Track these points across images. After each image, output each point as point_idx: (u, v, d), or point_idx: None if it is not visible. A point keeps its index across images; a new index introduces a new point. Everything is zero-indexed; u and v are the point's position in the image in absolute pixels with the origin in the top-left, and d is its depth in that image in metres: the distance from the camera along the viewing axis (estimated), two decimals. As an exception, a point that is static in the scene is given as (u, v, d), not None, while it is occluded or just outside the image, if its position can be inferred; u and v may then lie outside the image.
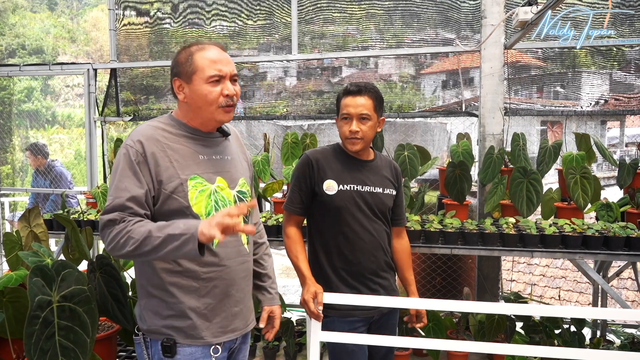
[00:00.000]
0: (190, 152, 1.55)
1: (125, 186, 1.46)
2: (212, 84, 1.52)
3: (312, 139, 3.29)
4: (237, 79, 1.60)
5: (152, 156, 1.49)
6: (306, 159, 2.01)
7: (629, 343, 3.00)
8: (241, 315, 1.63)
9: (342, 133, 1.97)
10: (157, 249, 1.39)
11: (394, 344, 1.97)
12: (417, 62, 4.21)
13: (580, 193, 2.77)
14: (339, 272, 1.98)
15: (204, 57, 1.53)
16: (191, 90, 1.54)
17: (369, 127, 1.94)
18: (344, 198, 1.95)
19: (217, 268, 1.55)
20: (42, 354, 1.49)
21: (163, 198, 1.49)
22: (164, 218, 1.49)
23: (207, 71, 1.52)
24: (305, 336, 3.10)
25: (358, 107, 1.92)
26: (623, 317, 3.42)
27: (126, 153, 1.49)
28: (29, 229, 2.15)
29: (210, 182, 1.56)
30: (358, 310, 1.95)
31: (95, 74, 4.13)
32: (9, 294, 1.73)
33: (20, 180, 11.26)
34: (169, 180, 1.49)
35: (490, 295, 3.21)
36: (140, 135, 1.51)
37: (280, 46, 4.01)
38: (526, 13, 2.59)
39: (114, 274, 1.90)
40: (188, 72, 1.54)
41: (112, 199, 1.46)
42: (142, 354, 1.58)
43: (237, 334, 1.63)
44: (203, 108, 1.54)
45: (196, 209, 1.51)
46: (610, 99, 3.77)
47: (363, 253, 1.97)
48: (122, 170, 1.48)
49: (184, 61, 1.55)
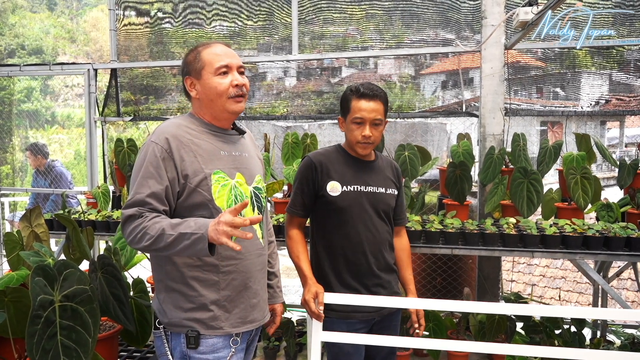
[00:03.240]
0: (212, 148, 1.61)
1: (146, 182, 1.52)
2: (221, 75, 1.60)
3: (312, 139, 3.29)
4: (244, 71, 1.66)
5: (178, 151, 1.54)
6: (309, 162, 2.00)
7: (629, 343, 3.00)
8: (259, 306, 1.70)
9: (354, 137, 1.95)
10: (170, 246, 1.44)
11: (394, 344, 1.97)
12: (416, 62, 4.22)
13: (581, 193, 2.77)
14: (341, 275, 1.97)
15: (210, 52, 1.62)
16: (202, 85, 1.62)
17: (379, 132, 1.96)
18: (348, 199, 1.95)
19: (235, 261, 1.60)
20: (44, 354, 1.49)
21: (188, 192, 1.55)
22: (188, 211, 1.56)
23: (215, 64, 1.60)
24: (306, 336, 3.10)
25: (372, 112, 1.92)
26: (623, 318, 3.42)
27: (152, 149, 1.54)
28: (30, 228, 2.14)
29: (231, 177, 1.62)
30: (358, 312, 1.95)
31: (95, 74, 4.13)
32: (10, 293, 1.73)
33: (20, 180, 11.25)
34: (195, 174, 1.55)
35: (491, 295, 3.22)
36: (166, 132, 1.57)
37: (280, 46, 4.01)
38: (527, 13, 2.60)
39: (115, 274, 1.89)
40: (197, 69, 1.62)
41: (133, 194, 1.52)
42: (162, 347, 1.61)
43: (256, 324, 1.69)
44: (215, 100, 1.61)
45: (218, 203, 1.57)
46: (610, 100, 3.77)
47: (366, 254, 1.96)
48: (146, 166, 1.54)
49: (193, 60, 1.63)
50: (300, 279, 1.99)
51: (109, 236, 3.01)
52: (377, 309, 1.97)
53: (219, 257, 1.57)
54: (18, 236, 2.13)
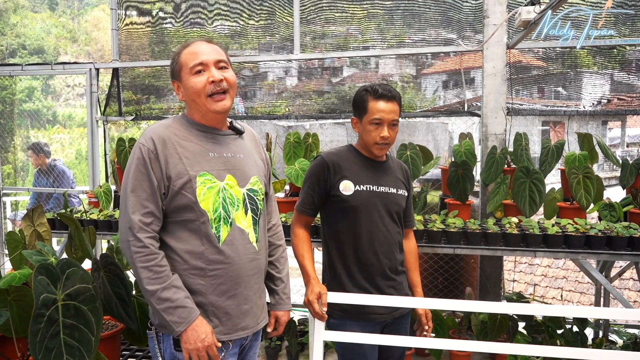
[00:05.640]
0: (200, 149, 1.58)
1: (142, 196, 1.50)
2: (196, 74, 1.57)
3: (314, 139, 3.29)
4: (227, 66, 1.61)
5: (163, 153, 1.53)
6: (322, 162, 1.99)
7: (631, 343, 3.00)
8: (251, 313, 1.64)
9: (371, 138, 1.94)
10: (155, 301, 1.49)
11: (394, 344, 1.96)
12: (418, 62, 4.22)
13: (583, 193, 2.77)
14: (353, 275, 1.95)
15: (186, 52, 1.60)
16: (184, 86, 1.61)
17: (396, 133, 1.96)
18: (360, 198, 1.94)
19: (222, 266, 1.56)
20: (47, 352, 1.49)
21: (172, 194, 1.53)
22: (174, 214, 1.54)
23: (189, 63, 1.58)
24: (308, 336, 3.10)
25: (390, 113, 1.91)
26: (625, 317, 3.41)
27: (139, 152, 1.54)
28: (33, 227, 2.15)
29: (219, 179, 1.58)
30: (371, 314, 1.94)
31: (97, 74, 4.13)
32: (13, 292, 1.73)
33: (22, 180, 11.26)
34: (178, 177, 1.52)
35: (493, 295, 3.21)
36: (152, 133, 1.56)
37: (281, 46, 4.01)
38: (529, 12, 2.59)
39: (118, 273, 1.89)
40: (177, 71, 1.62)
41: (132, 212, 1.50)
42: (154, 348, 1.60)
43: (248, 332, 1.63)
44: (196, 100, 1.59)
45: (204, 205, 1.53)
46: (612, 99, 3.77)
47: (378, 254, 1.95)
48: (136, 172, 1.52)
49: (174, 63, 1.63)
50: (303, 278, 1.98)
51: (110, 235, 3.02)
52: (389, 311, 1.96)
53: (205, 261, 1.53)
54: (20, 235, 2.13)
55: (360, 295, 1.90)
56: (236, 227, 1.58)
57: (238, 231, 1.58)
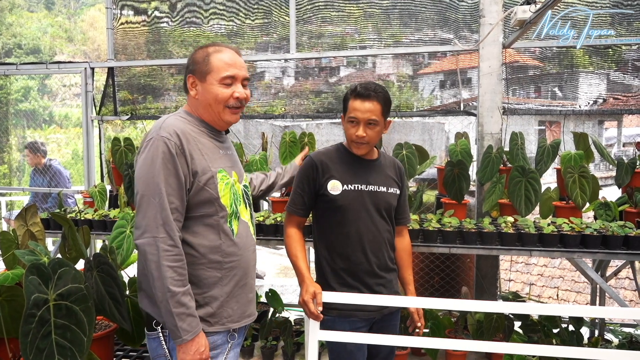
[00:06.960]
0: (213, 147, 1.64)
1: (169, 191, 1.50)
2: (225, 85, 1.61)
3: (310, 138, 3.28)
4: (248, 83, 1.68)
5: (187, 148, 1.54)
6: (310, 162, 2.00)
7: (627, 342, 3.00)
8: (254, 301, 1.74)
9: (349, 136, 1.97)
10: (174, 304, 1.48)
11: (392, 343, 1.96)
12: (414, 62, 4.21)
13: (579, 192, 2.77)
14: (341, 274, 1.96)
15: (220, 58, 1.61)
16: (204, 88, 1.62)
17: (375, 132, 1.94)
18: (348, 197, 1.94)
19: (237, 257, 1.64)
20: (39, 353, 1.48)
21: (196, 189, 1.56)
22: (194, 209, 1.57)
23: (222, 72, 1.60)
24: (303, 336, 3.09)
25: (366, 112, 1.90)
26: (621, 316, 3.42)
27: (164, 146, 1.51)
28: (26, 227, 2.13)
29: (230, 175, 1.66)
30: (359, 311, 1.94)
31: (92, 73, 4.11)
32: (5, 292, 1.71)
33: (17, 180, 11.21)
34: (203, 172, 1.56)
35: (489, 294, 3.21)
36: (174, 127, 1.55)
37: (278, 46, 4.00)
38: (525, 12, 2.60)
39: (111, 273, 1.88)
40: (203, 71, 1.61)
41: (162, 209, 1.48)
42: (157, 349, 1.60)
43: (252, 318, 1.73)
44: (212, 106, 1.62)
45: (224, 201, 1.60)
46: (608, 99, 3.77)
47: (367, 252, 1.95)
48: (163, 167, 1.50)
49: (200, 60, 1.62)
50: (298, 278, 1.97)
51: (105, 235, 3.00)
52: (378, 308, 1.96)
53: (222, 254, 1.60)
54: (13, 235, 2.11)
55: (356, 294, 1.90)
56: (242, 221, 1.68)
57: (243, 224, 1.67)
